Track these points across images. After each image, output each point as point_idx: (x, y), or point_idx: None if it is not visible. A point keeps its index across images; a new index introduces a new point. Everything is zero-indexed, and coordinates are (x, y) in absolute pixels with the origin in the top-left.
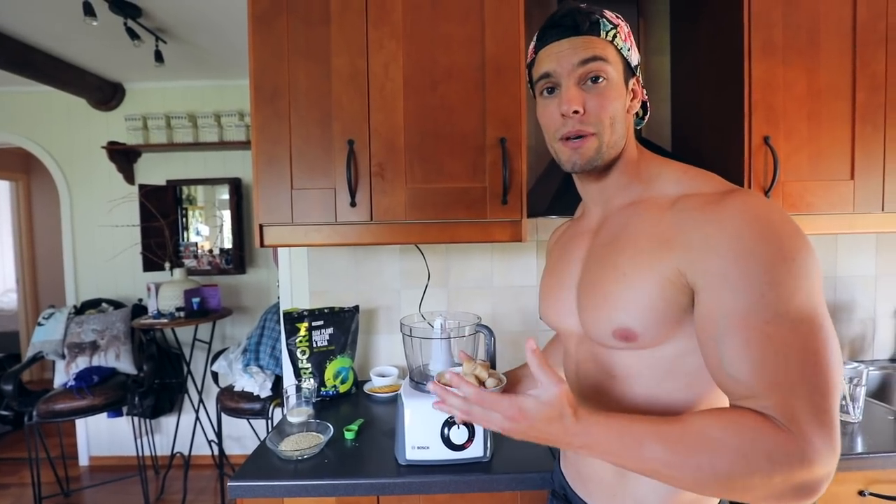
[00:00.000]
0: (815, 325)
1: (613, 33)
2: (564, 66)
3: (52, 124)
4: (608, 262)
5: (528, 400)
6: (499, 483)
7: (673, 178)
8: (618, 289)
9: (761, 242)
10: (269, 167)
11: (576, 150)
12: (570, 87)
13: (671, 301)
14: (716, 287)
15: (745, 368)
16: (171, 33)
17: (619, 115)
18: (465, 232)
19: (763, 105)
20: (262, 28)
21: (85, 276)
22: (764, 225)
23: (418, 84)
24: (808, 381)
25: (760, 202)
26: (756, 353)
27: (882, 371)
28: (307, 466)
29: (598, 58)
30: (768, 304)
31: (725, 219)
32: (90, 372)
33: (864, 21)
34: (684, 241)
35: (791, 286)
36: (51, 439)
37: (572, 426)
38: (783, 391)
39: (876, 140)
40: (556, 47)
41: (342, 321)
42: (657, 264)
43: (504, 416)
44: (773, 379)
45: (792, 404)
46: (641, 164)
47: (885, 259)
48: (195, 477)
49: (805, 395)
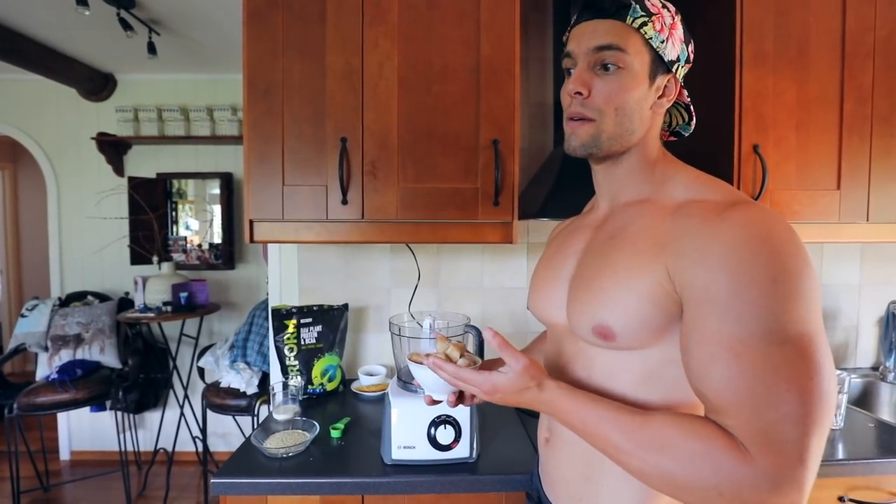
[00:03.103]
0: (799, 349)
1: (643, 21)
2: (581, 48)
3: (41, 114)
4: (603, 258)
5: (498, 376)
6: (484, 484)
7: (684, 183)
8: (606, 285)
9: (751, 260)
10: (260, 163)
11: (572, 131)
12: (582, 69)
13: (658, 306)
14: (697, 299)
15: (712, 384)
16: (165, 25)
17: (630, 107)
18: (456, 232)
19: (753, 113)
20: (256, 24)
21: (71, 268)
22: (761, 243)
23: (413, 84)
24: (779, 407)
25: (764, 218)
26: (722, 370)
27: (864, 379)
28: (292, 464)
29: (614, 46)
30: (745, 322)
31: (723, 232)
32: (74, 365)
33: (853, 34)
34: (678, 248)
35: (776, 308)
36: (31, 433)
37: (538, 395)
38: (746, 413)
39: (862, 151)
40: (582, 28)
41: (331, 319)
42: (650, 267)
43: (482, 391)
44: (736, 398)
45: (754, 428)
46: (659, 164)
47: (869, 269)
48: (178, 473)
49: (773, 421)
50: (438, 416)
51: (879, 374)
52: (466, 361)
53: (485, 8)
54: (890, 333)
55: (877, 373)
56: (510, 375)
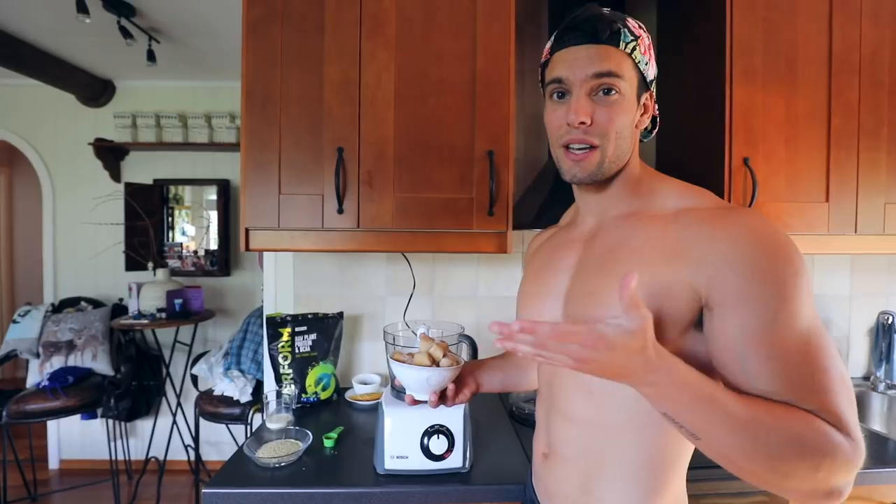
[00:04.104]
0: (821, 335)
1: (633, 45)
2: (577, 75)
3: (38, 119)
4: (606, 273)
5: (609, 328)
6: (477, 494)
7: (672, 193)
8: (616, 301)
9: (772, 260)
10: (257, 171)
11: (578, 162)
12: (581, 97)
13: (668, 317)
14: (732, 304)
15: (773, 381)
16: (165, 33)
17: (627, 129)
18: (451, 242)
19: (743, 128)
20: (255, 34)
21: (64, 274)
22: (774, 242)
23: (409, 95)
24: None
25: (764, 220)
26: (781, 366)
27: (855, 388)
28: (284, 474)
29: (613, 73)
30: (782, 319)
31: (738, 235)
32: (65, 372)
33: (839, 51)
34: (697, 257)
35: (799, 301)
36: (20, 441)
37: (655, 360)
38: (819, 396)
39: (849, 165)
40: (573, 53)
41: (326, 327)
42: (665, 278)
43: (584, 345)
44: (803, 386)
45: (833, 407)
46: (643, 178)
47: (859, 280)
48: (169, 483)
49: (838, 399)
50: (431, 426)
51: (870, 383)
52: (449, 361)
53: (480, 21)
54: (880, 343)
55: (868, 382)
56: (628, 328)
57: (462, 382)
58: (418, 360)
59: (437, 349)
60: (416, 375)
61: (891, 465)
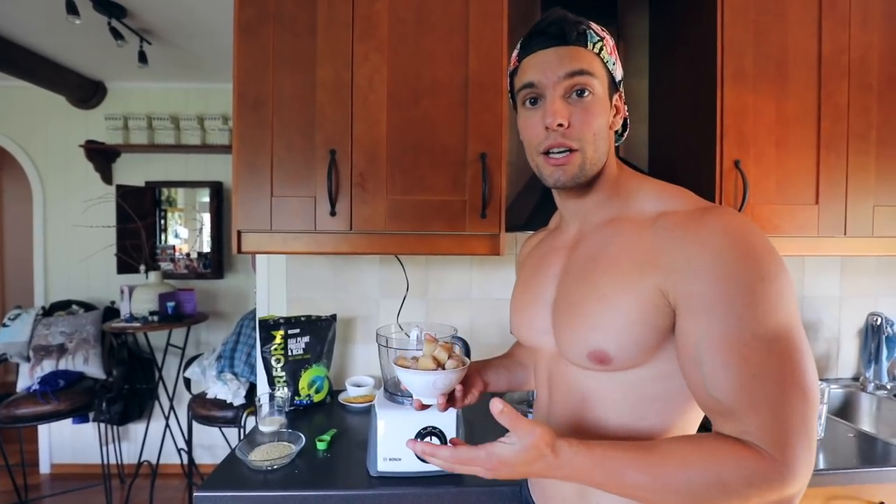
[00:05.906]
0: (791, 344)
1: (600, 46)
2: (550, 78)
3: (29, 120)
4: (587, 282)
5: (503, 448)
6: (470, 496)
7: (652, 195)
8: (597, 310)
9: (740, 264)
10: (249, 174)
11: (559, 166)
12: (556, 99)
13: (650, 324)
14: (696, 309)
15: (726, 389)
16: (156, 35)
17: (603, 130)
18: (444, 244)
19: (734, 130)
20: (247, 36)
21: (55, 277)
22: (744, 246)
23: (402, 97)
24: (787, 402)
25: (740, 221)
26: (735, 375)
27: (845, 389)
28: (277, 477)
29: (585, 71)
30: (746, 325)
31: (707, 238)
32: (56, 376)
33: (829, 55)
34: (667, 263)
35: (767, 307)
36: (10, 445)
37: (554, 462)
38: (763, 413)
39: (839, 167)
40: (542, 56)
41: (319, 330)
42: (638, 286)
43: (485, 468)
44: (752, 400)
45: (772, 426)
46: (621, 180)
47: (849, 281)
48: (162, 486)
49: (784, 416)
50: (424, 428)
51: (860, 384)
52: (455, 363)
53: (473, 23)
54: (869, 344)
55: (857, 383)
56: (520, 447)
57: (469, 383)
58: (423, 364)
59: (441, 351)
60: (421, 380)
61: (879, 464)
